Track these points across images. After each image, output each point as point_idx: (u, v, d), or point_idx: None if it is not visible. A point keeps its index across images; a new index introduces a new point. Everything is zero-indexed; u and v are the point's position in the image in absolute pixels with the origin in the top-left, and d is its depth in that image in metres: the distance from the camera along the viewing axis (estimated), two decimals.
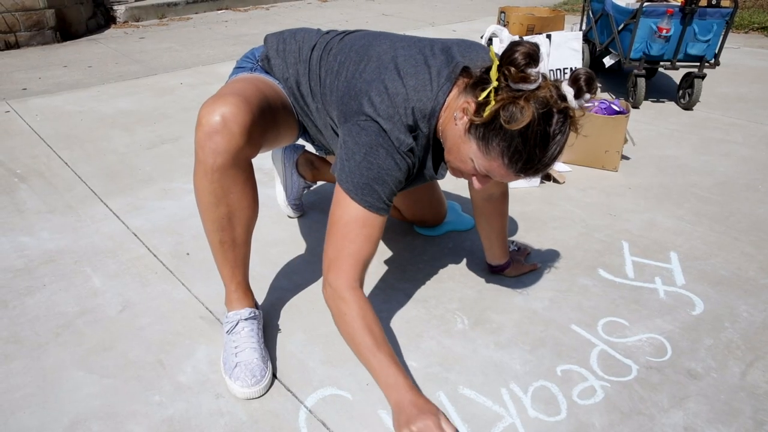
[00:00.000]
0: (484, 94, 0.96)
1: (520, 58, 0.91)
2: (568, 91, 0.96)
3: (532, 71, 0.93)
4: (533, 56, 0.92)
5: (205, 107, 1.04)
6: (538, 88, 0.94)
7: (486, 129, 0.96)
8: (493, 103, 0.94)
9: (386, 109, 1.05)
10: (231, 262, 1.21)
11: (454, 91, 1.08)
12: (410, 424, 0.96)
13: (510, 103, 0.93)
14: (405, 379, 1.03)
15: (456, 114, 1.03)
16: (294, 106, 1.27)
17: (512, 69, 0.92)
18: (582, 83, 0.96)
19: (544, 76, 0.95)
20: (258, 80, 1.21)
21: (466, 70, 1.09)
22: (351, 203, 1.07)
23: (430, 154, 1.15)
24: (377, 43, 1.16)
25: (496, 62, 0.95)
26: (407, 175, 1.12)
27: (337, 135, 1.17)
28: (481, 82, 1.00)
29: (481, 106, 0.96)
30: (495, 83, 0.95)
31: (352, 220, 1.07)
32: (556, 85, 0.97)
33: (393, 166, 1.07)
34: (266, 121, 1.13)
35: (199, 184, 1.10)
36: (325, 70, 1.19)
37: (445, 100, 1.07)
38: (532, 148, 0.94)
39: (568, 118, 0.97)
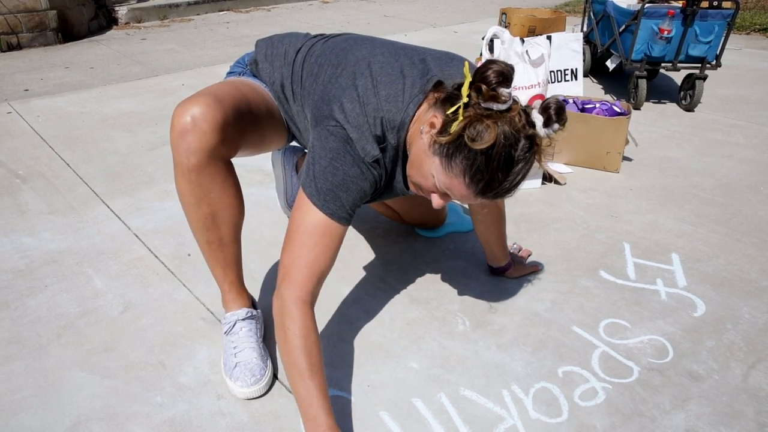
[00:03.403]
0: (452, 110, 0.94)
1: (492, 76, 0.90)
2: (538, 119, 0.95)
3: (504, 91, 0.91)
4: (507, 76, 0.91)
5: (177, 109, 1.04)
6: (508, 110, 0.92)
7: (450, 145, 0.94)
8: (460, 119, 0.93)
9: (356, 117, 1.03)
10: (221, 262, 1.21)
11: (425, 105, 1.06)
12: None
13: (477, 121, 0.91)
14: (328, 417, 0.98)
15: (422, 128, 1.01)
16: (280, 110, 1.27)
17: (483, 87, 0.91)
18: (552, 112, 0.95)
19: (515, 100, 0.94)
20: (240, 83, 1.21)
21: (439, 85, 1.07)
22: (312, 209, 1.04)
23: (400, 167, 1.13)
24: (357, 47, 1.15)
25: (469, 78, 0.94)
26: (374, 188, 1.11)
27: None
28: (452, 98, 0.98)
29: (448, 123, 0.95)
30: (465, 99, 0.93)
31: (311, 227, 1.04)
32: (527, 110, 0.95)
33: (359, 175, 1.05)
34: (244, 122, 1.13)
35: (179, 185, 1.10)
36: (307, 72, 1.19)
37: (415, 113, 1.06)
38: (495, 170, 0.93)
39: (534, 146, 0.95)
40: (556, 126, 0.96)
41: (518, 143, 0.93)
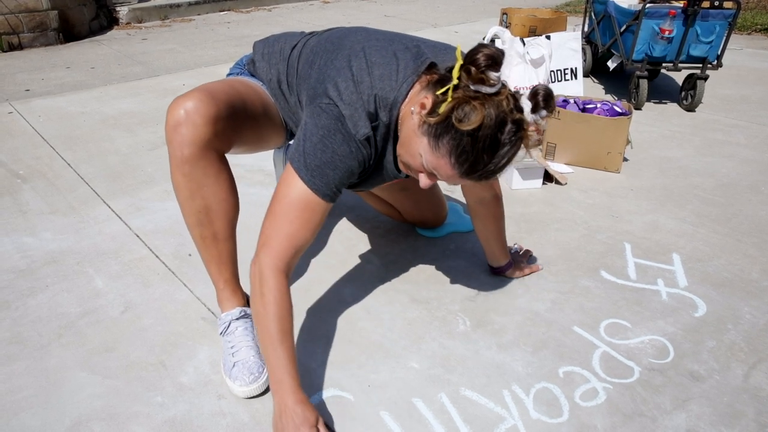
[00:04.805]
0: (441, 90, 0.97)
1: (482, 59, 0.93)
2: (526, 104, 0.97)
3: (493, 75, 0.94)
4: (496, 60, 0.93)
5: (171, 105, 1.08)
6: (496, 93, 0.94)
7: (439, 126, 0.97)
8: (449, 100, 0.95)
9: (350, 95, 1.06)
10: (215, 258, 1.22)
11: (417, 86, 1.08)
12: None
13: (465, 103, 0.94)
14: (293, 380, 1.03)
15: (413, 108, 1.03)
16: (278, 107, 1.29)
17: (473, 69, 0.93)
18: (540, 98, 0.97)
19: (504, 84, 0.96)
20: (236, 81, 1.24)
21: (432, 67, 1.10)
22: (298, 183, 1.06)
23: (391, 146, 1.15)
24: (352, 35, 1.18)
25: (460, 61, 0.96)
26: (362, 167, 1.12)
27: None
28: (443, 80, 1.00)
29: (437, 103, 0.97)
30: (455, 81, 0.95)
31: (295, 200, 1.06)
32: (515, 96, 0.97)
33: (348, 153, 1.07)
34: (238, 118, 1.15)
35: (174, 179, 1.12)
36: (302, 62, 1.21)
37: (407, 93, 1.08)
38: (480, 151, 0.95)
39: (520, 131, 0.97)
40: (543, 112, 0.98)
41: (505, 126, 0.95)
